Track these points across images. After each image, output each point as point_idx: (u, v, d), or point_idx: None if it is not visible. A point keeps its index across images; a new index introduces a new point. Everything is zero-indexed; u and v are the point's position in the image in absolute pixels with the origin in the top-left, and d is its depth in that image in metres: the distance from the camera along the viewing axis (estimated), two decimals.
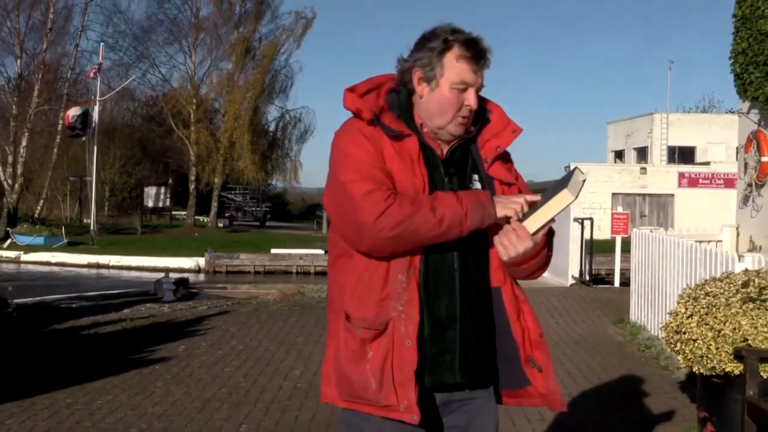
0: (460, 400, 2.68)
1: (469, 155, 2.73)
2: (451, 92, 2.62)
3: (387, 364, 2.53)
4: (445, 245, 2.55)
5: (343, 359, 2.60)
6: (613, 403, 7.21)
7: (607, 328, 11.28)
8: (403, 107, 2.68)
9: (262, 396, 7.21)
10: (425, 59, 2.64)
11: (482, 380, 2.69)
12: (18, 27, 43.60)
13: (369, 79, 2.73)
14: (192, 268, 29.13)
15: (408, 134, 2.62)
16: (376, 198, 2.48)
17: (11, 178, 42.81)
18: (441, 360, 2.60)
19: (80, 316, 11.62)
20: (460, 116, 2.64)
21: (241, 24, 49.04)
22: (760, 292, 5.83)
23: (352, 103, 2.65)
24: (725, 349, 5.65)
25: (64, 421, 6.31)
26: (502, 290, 2.69)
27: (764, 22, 13.61)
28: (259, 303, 14.04)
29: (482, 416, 2.71)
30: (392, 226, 2.47)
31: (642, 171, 43.39)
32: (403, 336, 2.53)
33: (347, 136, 2.63)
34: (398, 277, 2.55)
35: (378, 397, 2.54)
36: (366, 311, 2.57)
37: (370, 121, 2.61)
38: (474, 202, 2.53)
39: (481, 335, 2.65)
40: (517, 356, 2.69)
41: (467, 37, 2.64)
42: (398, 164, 2.58)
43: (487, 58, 2.66)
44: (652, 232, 11.48)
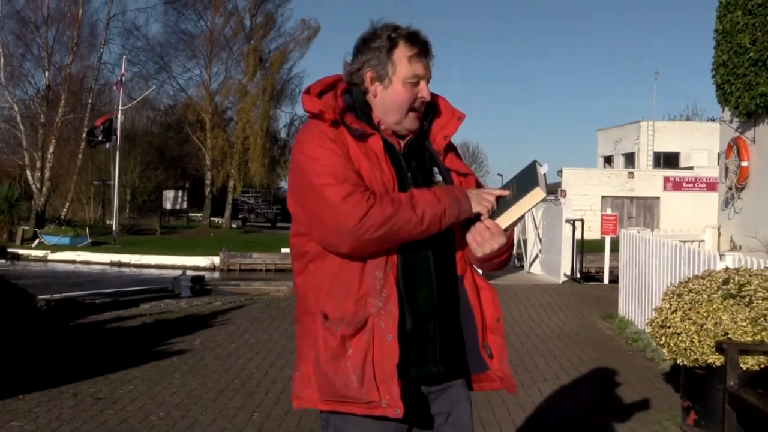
0: (437, 389, 2.63)
1: (425, 149, 2.68)
2: (404, 87, 2.56)
3: (368, 360, 2.43)
4: (419, 241, 2.48)
5: (323, 359, 2.47)
6: (603, 393, 7.20)
7: (596, 323, 11.28)
8: (361, 106, 2.60)
9: (273, 386, 7.21)
10: (374, 59, 2.56)
11: (459, 369, 2.64)
12: (47, 42, 43.75)
13: (320, 80, 2.63)
14: (207, 266, 29.13)
15: (371, 133, 2.54)
16: (355, 200, 2.37)
17: (39, 182, 42.89)
18: (425, 351, 2.54)
19: (103, 311, 11.65)
20: (415, 110, 2.59)
21: (252, 36, 49.06)
22: (740, 288, 5.82)
23: (313, 105, 2.53)
24: (707, 343, 5.65)
25: (88, 409, 6.32)
26: (464, 278, 2.64)
27: (743, 37, 13.61)
28: (270, 299, 14.04)
29: (460, 403, 2.67)
30: (376, 227, 2.38)
31: (630, 175, 43.38)
32: (383, 331, 2.43)
33: (313, 140, 2.50)
34: (375, 274, 2.46)
35: (360, 393, 2.43)
36: (344, 310, 2.46)
37: (333, 122, 2.51)
38: (451, 198, 2.47)
39: (454, 324, 2.61)
40: (476, 341, 2.64)
41: (409, 31, 2.58)
42: (366, 163, 2.49)
43: (431, 50, 2.60)
44: (639, 233, 11.48)
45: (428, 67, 2.60)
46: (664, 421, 6.21)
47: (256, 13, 49.26)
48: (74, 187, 45.81)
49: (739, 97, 13.78)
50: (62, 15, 44.07)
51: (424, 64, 2.58)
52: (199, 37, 48.87)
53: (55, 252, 32.90)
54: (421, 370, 2.55)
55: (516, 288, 14.73)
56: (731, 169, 14.15)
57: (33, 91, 44.73)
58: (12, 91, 43.46)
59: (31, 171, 43.20)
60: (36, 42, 43.93)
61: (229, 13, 48.78)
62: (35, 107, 44.19)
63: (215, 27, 48.83)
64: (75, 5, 43.98)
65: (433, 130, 2.69)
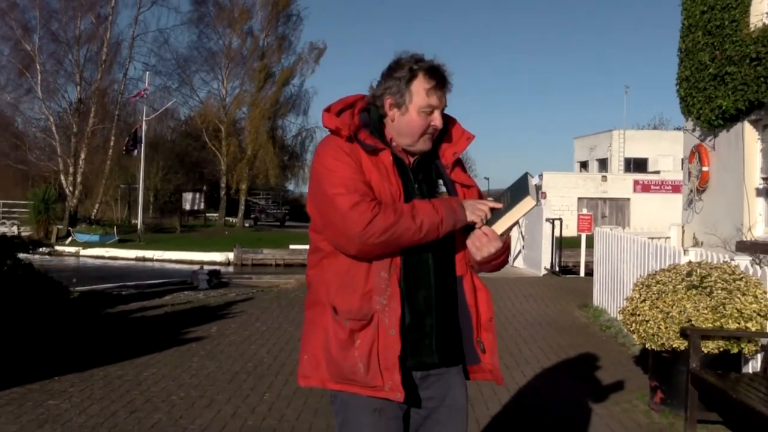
0: (436, 374, 2.65)
1: (432, 163, 2.69)
2: (419, 116, 2.57)
3: (373, 351, 2.48)
4: (421, 246, 2.52)
5: (333, 347, 2.52)
6: (579, 375, 7.21)
7: (573, 312, 11.28)
8: (376, 124, 2.62)
9: (283, 369, 7.21)
10: (394, 87, 2.58)
11: (454, 358, 2.66)
12: (78, 59, 43.83)
13: (341, 99, 2.66)
14: (223, 261, 29.11)
15: (382, 148, 2.57)
16: (362, 209, 2.42)
17: (72, 185, 42.92)
18: (421, 344, 2.56)
19: (129, 302, 11.64)
20: (428, 135, 2.60)
21: (265, 55, 49.10)
22: (702, 280, 5.84)
23: (331, 122, 2.57)
24: (672, 329, 5.67)
25: (116, 390, 6.33)
26: (463, 279, 2.66)
27: (703, 55, 13.64)
28: (279, 291, 14.04)
29: (455, 388, 2.68)
30: (379, 234, 2.42)
31: (603, 179, 43.39)
32: (387, 326, 2.48)
33: (330, 152, 2.54)
34: (381, 274, 2.50)
35: (366, 379, 2.49)
36: (351, 304, 2.51)
37: (348, 137, 2.55)
38: (448, 209, 2.50)
39: (451, 320, 2.63)
40: (471, 337, 2.67)
41: (430, 65, 2.58)
42: (376, 175, 2.52)
43: (449, 82, 2.60)
44: (612, 231, 11.48)
45: (443, 98, 2.60)
46: (634, 400, 6.22)
47: (269, 34, 49.35)
48: (103, 190, 45.75)
49: (700, 109, 13.81)
50: (92, 35, 44.14)
51: (439, 96, 2.58)
52: (218, 54, 49.04)
53: (86, 248, 32.91)
54: (418, 361, 2.58)
55: (501, 280, 14.72)
56: (693, 174, 14.17)
57: (66, 104, 44.85)
58: (47, 104, 43.73)
59: (64, 176, 43.22)
60: (69, 60, 44.02)
61: (245, 34, 49.08)
62: (68, 118, 44.18)
63: (233, 46, 49.00)
64: (103, 27, 44.08)
65: (443, 147, 2.70)
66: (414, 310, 2.54)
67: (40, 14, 42.95)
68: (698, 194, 14.10)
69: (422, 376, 2.63)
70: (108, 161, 44.12)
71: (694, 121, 14.17)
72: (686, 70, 14.33)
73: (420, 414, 2.66)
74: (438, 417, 2.66)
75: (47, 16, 43.36)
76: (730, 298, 5.63)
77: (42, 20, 43.13)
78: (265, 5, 48.74)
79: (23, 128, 46.38)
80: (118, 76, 46.00)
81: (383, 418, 2.58)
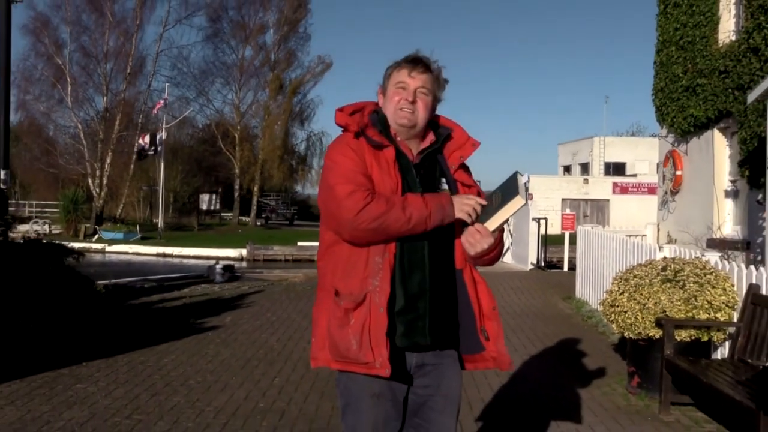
0: (432, 363, 2.63)
1: (437, 163, 2.70)
2: (394, 91, 2.64)
3: (365, 328, 2.49)
4: (416, 235, 2.52)
5: (332, 327, 2.55)
6: (563, 361, 7.21)
7: (557, 303, 11.29)
8: (383, 123, 2.66)
9: (291, 356, 7.21)
10: (383, 79, 2.70)
11: (447, 342, 2.64)
12: (105, 72, 43.93)
13: (354, 103, 2.71)
14: (236, 257, 29.07)
15: (387, 145, 2.60)
16: (356, 197, 2.45)
17: (98, 187, 43.03)
18: (414, 325, 2.56)
19: (150, 294, 11.64)
20: (401, 110, 2.62)
21: (276, 67, 49.09)
22: (675, 274, 5.84)
23: (342, 119, 2.62)
24: (648, 319, 5.67)
25: (138, 374, 6.33)
26: (463, 272, 2.65)
27: (676, 68, 13.66)
28: (288, 284, 14.04)
29: (449, 377, 2.67)
30: (369, 221, 2.44)
31: (585, 181, 43.39)
32: (377, 305, 2.49)
33: (338, 148, 2.60)
34: (375, 259, 2.52)
35: (358, 355, 2.49)
36: (352, 287, 2.53)
37: (356, 133, 2.59)
38: (437, 204, 2.50)
39: (446, 306, 2.61)
40: (474, 326, 2.65)
41: (409, 56, 2.67)
42: (377, 169, 2.55)
43: (422, 64, 2.64)
44: (593, 229, 11.49)
45: (416, 78, 2.63)
46: (614, 384, 6.22)
47: (279, 48, 49.36)
48: (127, 192, 45.77)
49: (674, 117, 13.82)
50: (119, 50, 44.22)
51: (410, 74, 2.63)
52: (232, 67, 48.99)
53: (111, 245, 32.85)
54: (411, 341, 2.57)
55: (491, 274, 14.71)
56: (668, 177, 14.18)
57: (93, 112, 44.81)
58: (77, 113, 43.82)
59: (91, 179, 43.31)
60: (97, 72, 44.16)
61: (258, 48, 49.06)
62: (95, 126, 44.21)
63: (246, 59, 49.00)
64: (129, 42, 44.11)
65: (450, 149, 2.72)
66: (408, 293, 2.54)
67: (71, 31, 43.17)
68: (672, 195, 14.10)
69: (418, 364, 2.62)
70: (131, 165, 44.18)
71: (668, 129, 14.18)
72: (661, 82, 14.34)
73: (417, 400, 2.66)
74: (433, 404, 2.66)
75: (78, 33, 43.64)
76: (701, 290, 5.63)
77: (73, 36, 43.46)
78: (275, 22, 48.79)
79: (54, 135, 46.43)
80: (142, 88, 46.09)
81: (381, 401, 2.59)
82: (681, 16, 13.60)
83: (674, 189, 13.94)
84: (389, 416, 2.61)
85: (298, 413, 5.29)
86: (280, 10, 48.57)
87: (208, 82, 48.92)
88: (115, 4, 43.88)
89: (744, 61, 11.47)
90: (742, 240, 11.62)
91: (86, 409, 5.28)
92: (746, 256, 11.15)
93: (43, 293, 8.14)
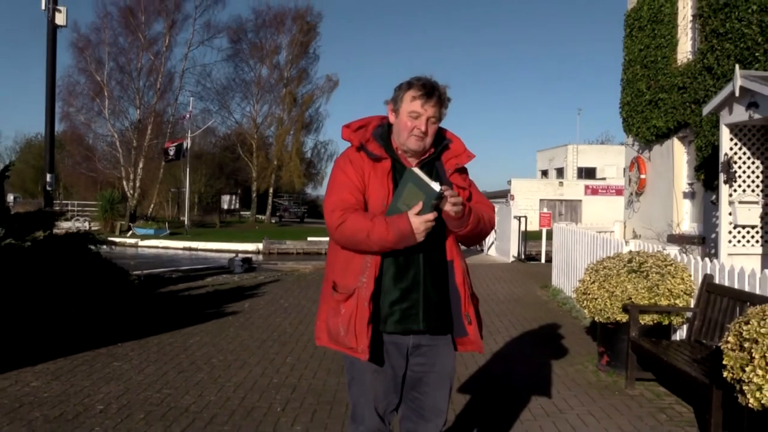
0: (427, 344, 2.64)
1: (434, 169, 2.67)
2: (407, 118, 2.58)
3: (351, 318, 2.52)
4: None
5: (329, 315, 2.61)
6: (540, 342, 7.21)
7: (536, 291, 11.28)
8: (384, 137, 2.65)
9: (302, 338, 7.21)
10: (394, 97, 2.63)
11: (440, 328, 2.63)
12: (139, 87, 43.97)
13: (361, 118, 2.72)
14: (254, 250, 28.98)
15: (385, 157, 2.59)
16: (337, 215, 2.51)
17: (132, 189, 43.03)
18: (408, 313, 2.56)
19: (178, 283, 11.64)
20: (413, 135, 2.58)
21: (289, 84, 49.05)
22: (640, 266, 5.84)
23: (346, 135, 2.64)
24: (616, 305, 5.67)
25: (167, 353, 6.33)
26: (454, 263, 2.63)
27: (641, 84, 13.65)
28: (299, 274, 14.04)
29: (443, 357, 2.67)
30: (344, 237, 2.52)
31: (560, 184, 43.31)
32: (363, 299, 2.51)
33: (340, 163, 2.63)
34: (366, 259, 2.53)
35: (345, 341, 2.54)
36: (347, 282, 2.55)
37: (357, 148, 2.60)
38: (396, 232, 2.42)
39: (439, 296, 2.60)
40: (459, 311, 2.64)
41: (420, 79, 2.60)
42: (374, 178, 2.56)
43: (436, 95, 2.57)
44: (567, 226, 11.49)
45: (429, 109, 2.56)
46: (585, 362, 6.22)
47: (292, 67, 49.33)
48: (157, 193, 45.75)
49: (638, 128, 13.82)
50: (150, 68, 44.24)
51: (423, 104, 2.56)
52: (250, 83, 49.00)
53: (143, 240, 32.81)
54: (405, 327, 2.58)
55: (478, 266, 14.73)
56: (633, 180, 14.18)
57: (128, 123, 44.81)
58: (113, 123, 43.81)
59: (126, 181, 43.29)
60: (131, 87, 44.11)
61: (273, 67, 48.98)
62: (129, 135, 44.21)
63: (262, 76, 48.97)
64: (159, 61, 44.18)
65: (447, 156, 2.69)
66: (403, 286, 2.55)
67: (109, 51, 43.28)
68: (637, 196, 14.10)
69: (414, 345, 2.63)
70: (161, 170, 44.19)
71: (634, 138, 14.18)
72: (627, 97, 14.33)
73: (414, 376, 2.67)
74: (428, 380, 2.67)
75: (115, 53, 43.65)
76: (662, 280, 5.63)
77: (111, 56, 43.44)
78: (289, 44, 48.78)
79: (93, 143, 46.33)
80: (170, 101, 46.13)
81: (381, 377, 2.62)
82: (645, 38, 13.60)
83: (639, 191, 13.94)
84: (388, 390, 2.64)
85: (307, 388, 5.29)
86: (293, 33, 48.63)
87: (228, 96, 49.09)
88: (147, 28, 44.06)
89: (699, 79, 11.48)
90: (699, 236, 11.63)
91: (121, 384, 5.28)
92: (702, 249, 11.15)
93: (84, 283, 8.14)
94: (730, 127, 9.48)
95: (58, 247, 8.31)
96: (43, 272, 7.43)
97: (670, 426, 4.56)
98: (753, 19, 10.00)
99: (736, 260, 8.27)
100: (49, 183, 11.10)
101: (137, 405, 4.78)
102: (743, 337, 3.45)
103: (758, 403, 3.27)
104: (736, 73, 8.88)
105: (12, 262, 7.01)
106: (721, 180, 9.54)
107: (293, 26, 48.68)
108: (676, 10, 12.60)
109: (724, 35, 10.69)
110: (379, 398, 2.63)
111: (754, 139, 9.54)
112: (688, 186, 12.44)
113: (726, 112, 9.37)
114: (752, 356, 3.33)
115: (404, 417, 2.73)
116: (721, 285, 5.33)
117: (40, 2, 11.48)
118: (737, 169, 9.52)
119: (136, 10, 43.11)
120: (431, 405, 2.67)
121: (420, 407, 2.68)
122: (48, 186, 11.04)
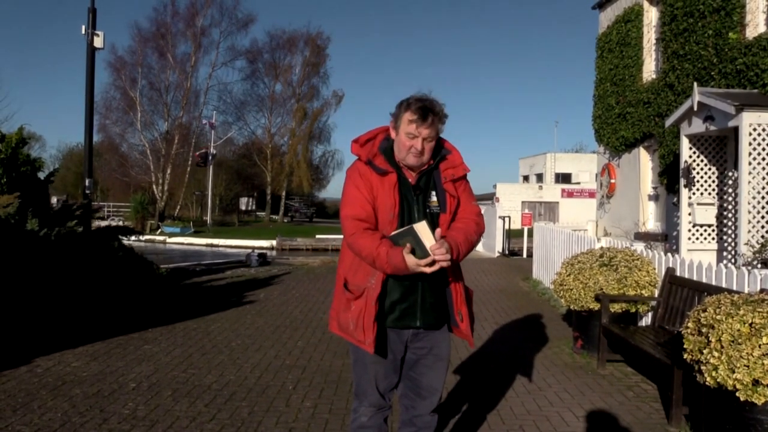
0: (424, 333, 2.63)
1: (431, 179, 2.61)
2: (406, 138, 2.52)
3: (360, 315, 2.50)
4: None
5: (339, 309, 2.60)
6: (522, 328, 7.21)
7: (518, 283, 11.27)
8: (388, 151, 2.59)
9: (311, 324, 7.20)
10: (395, 115, 2.56)
11: (434, 325, 2.61)
12: (167, 102, 44.18)
13: (368, 132, 2.65)
14: (268, 246, 28.98)
15: (391, 171, 2.54)
16: (350, 226, 2.48)
17: (161, 192, 43.11)
18: (407, 312, 2.55)
19: (201, 276, 11.61)
20: (411, 153, 2.53)
21: (300, 99, 49.09)
22: (610, 260, 5.84)
23: (356, 150, 2.58)
24: (589, 295, 5.67)
25: (191, 338, 6.32)
26: (449, 267, 2.53)
27: (611, 99, 13.65)
28: (309, 268, 14.02)
29: (440, 342, 2.65)
30: (353, 249, 2.50)
31: (540, 188, 43.35)
32: (371, 298, 2.49)
33: (351, 177, 2.55)
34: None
35: (354, 333, 2.53)
36: (357, 280, 2.53)
37: (366, 162, 2.55)
38: (394, 268, 2.39)
39: (435, 297, 2.58)
40: (453, 308, 2.62)
41: (417, 102, 2.49)
42: (382, 190, 2.50)
43: (431, 117, 2.46)
44: (546, 225, 11.48)
45: (424, 130, 2.49)
46: (562, 346, 6.22)
47: (303, 84, 49.42)
48: (183, 196, 45.82)
49: (609, 138, 13.82)
50: (178, 85, 44.50)
51: (418, 126, 2.48)
52: (265, 99, 49.04)
53: (170, 237, 32.86)
54: (405, 323, 2.57)
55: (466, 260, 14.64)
56: (604, 184, 14.17)
57: (157, 134, 44.91)
58: (144, 134, 44.07)
59: (155, 185, 43.35)
60: (160, 102, 44.32)
61: (286, 84, 49.10)
62: (159, 144, 44.27)
63: (276, 93, 49.02)
64: (186, 79, 44.31)
65: (445, 165, 2.62)
66: (403, 289, 2.54)
67: (142, 71, 43.39)
68: (607, 199, 14.10)
69: (413, 334, 2.62)
70: (186, 175, 44.30)
71: (605, 147, 14.18)
72: (599, 110, 14.34)
73: (412, 358, 2.66)
74: (425, 362, 2.66)
75: (147, 71, 43.89)
76: (630, 273, 5.63)
77: (143, 74, 43.69)
78: (301, 64, 48.90)
79: (127, 151, 46.40)
80: (195, 114, 46.18)
81: (381, 359, 2.61)
82: (614, 59, 13.61)
83: (609, 194, 13.94)
84: (388, 371, 2.63)
85: (316, 368, 5.29)
86: (305, 55, 48.76)
87: (246, 110, 49.12)
88: (176, 50, 44.25)
89: (662, 95, 11.48)
90: (662, 233, 11.63)
91: (152, 365, 5.28)
92: (665, 246, 11.16)
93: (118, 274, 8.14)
94: (690, 138, 9.48)
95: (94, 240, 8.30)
96: (81, 263, 7.42)
97: (637, 402, 4.56)
98: (709, 43, 10.01)
99: (694, 255, 8.28)
100: (88, 186, 11.12)
101: (165, 383, 4.78)
102: (701, 323, 3.45)
103: (714, 381, 3.27)
104: (695, 90, 8.89)
105: (52, 253, 7.00)
106: (682, 184, 9.54)
107: (305, 48, 48.84)
108: (642, 35, 12.62)
109: (684, 56, 10.70)
110: (380, 378, 2.63)
111: (711, 148, 9.54)
112: (653, 189, 12.44)
113: (686, 124, 9.37)
114: (709, 340, 3.34)
115: (403, 394, 2.72)
116: (681, 277, 5.33)
117: (81, 27, 11.46)
118: (695, 175, 9.52)
119: (166, 34, 43.30)
120: (427, 384, 2.67)
121: (417, 386, 2.67)
122: (87, 189, 11.06)
